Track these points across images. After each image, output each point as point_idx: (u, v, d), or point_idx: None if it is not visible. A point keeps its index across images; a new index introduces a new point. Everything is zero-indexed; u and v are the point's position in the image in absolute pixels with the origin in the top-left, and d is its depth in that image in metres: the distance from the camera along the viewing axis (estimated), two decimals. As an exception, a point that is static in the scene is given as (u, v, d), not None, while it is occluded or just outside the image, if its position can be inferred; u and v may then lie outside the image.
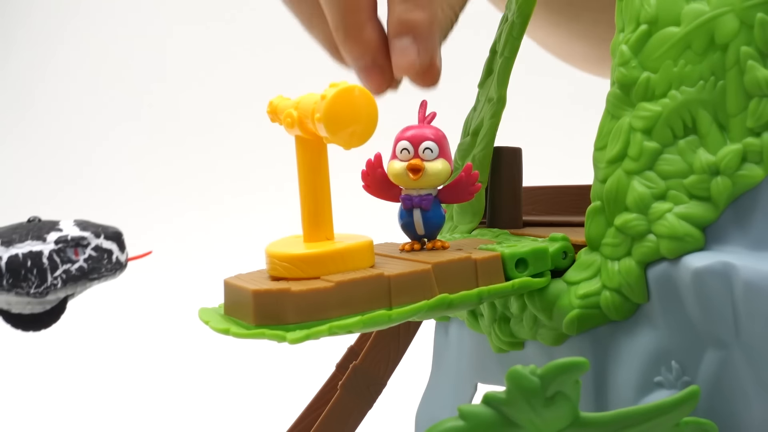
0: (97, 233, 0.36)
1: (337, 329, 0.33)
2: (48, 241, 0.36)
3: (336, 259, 0.35)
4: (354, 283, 0.33)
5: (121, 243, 0.36)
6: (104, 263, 0.36)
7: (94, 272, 0.36)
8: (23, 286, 0.35)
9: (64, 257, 0.35)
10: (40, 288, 0.35)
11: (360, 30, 0.39)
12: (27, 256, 0.35)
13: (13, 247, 0.35)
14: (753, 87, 0.33)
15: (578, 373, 0.29)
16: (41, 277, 0.35)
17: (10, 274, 0.35)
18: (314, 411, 0.54)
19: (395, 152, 0.38)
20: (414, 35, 0.39)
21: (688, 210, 0.34)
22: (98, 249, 0.36)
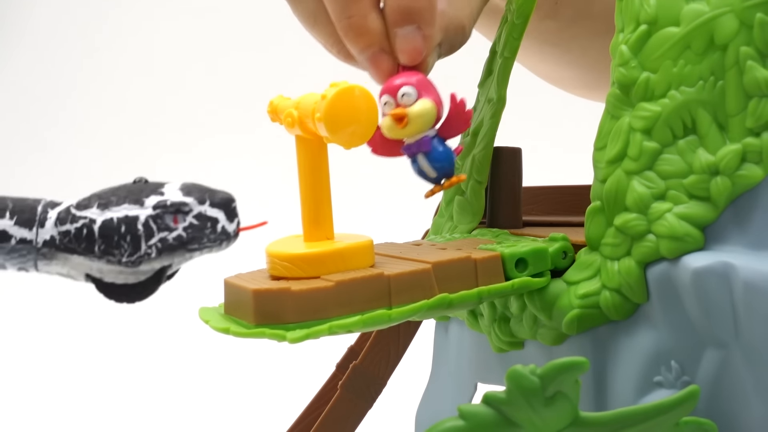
0: (201, 199, 0.33)
1: (337, 329, 0.33)
2: (146, 206, 0.33)
3: (336, 258, 0.35)
4: (354, 282, 0.33)
5: (230, 211, 0.33)
6: (207, 233, 0.33)
7: (195, 242, 0.33)
8: (115, 253, 0.33)
9: (162, 224, 0.33)
10: (132, 257, 0.33)
11: (364, 19, 0.39)
12: (122, 221, 0.33)
13: (108, 210, 0.33)
14: (752, 87, 0.33)
15: (578, 372, 0.29)
16: (134, 245, 0.33)
17: (102, 240, 0.33)
18: (314, 411, 0.54)
19: (383, 110, 0.37)
20: (417, 23, 0.39)
21: (688, 210, 0.34)
22: (201, 217, 0.33)
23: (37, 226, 0.34)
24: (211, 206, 0.33)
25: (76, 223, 0.33)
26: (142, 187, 0.34)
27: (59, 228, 0.34)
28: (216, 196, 0.34)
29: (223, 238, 0.34)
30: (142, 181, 0.34)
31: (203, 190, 0.34)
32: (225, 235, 0.34)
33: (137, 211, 0.33)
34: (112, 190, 0.34)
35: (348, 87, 0.34)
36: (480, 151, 0.44)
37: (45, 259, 0.34)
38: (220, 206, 0.34)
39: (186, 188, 0.33)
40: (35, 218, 0.34)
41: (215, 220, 0.33)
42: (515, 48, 0.43)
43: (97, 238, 0.33)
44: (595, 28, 0.59)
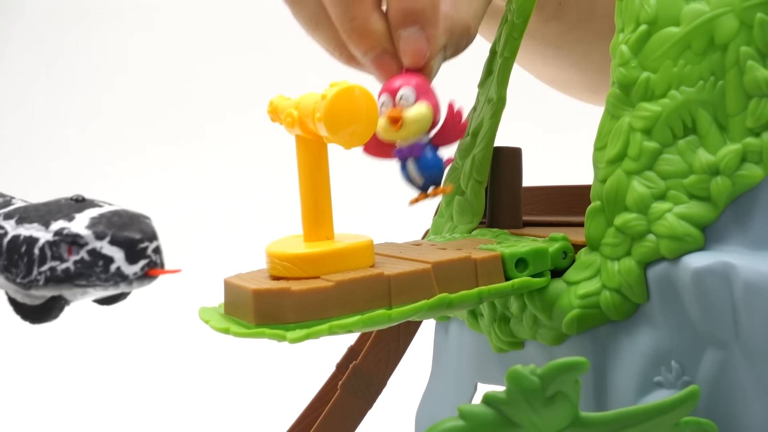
0: (101, 234, 0.31)
1: (337, 329, 0.33)
2: (49, 230, 0.31)
3: (336, 258, 0.35)
4: (354, 282, 0.33)
5: (132, 252, 0.31)
6: (96, 271, 0.31)
7: (82, 278, 0.31)
8: (13, 271, 0.32)
9: (56, 252, 0.31)
10: (24, 279, 0.31)
11: (367, 21, 0.38)
12: (25, 240, 0.31)
13: (21, 226, 0.32)
14: (753, 87, 0.33)
15: (578, 372, 0.29)
16: (28, 268, 0.31)
17: (7, 255, 0.32)
18: (314, 411, 0.54)
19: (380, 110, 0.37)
20: (420, 23, 0.38)
21: (688, 210, 0.34)
22: (93, 253, 0.31)
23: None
24: (111, 243, 0.31)
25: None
26: (64, 207, 0.32)
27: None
28: (121, 233, 0.31)
29: (118, 279, 0.31)
30: (78, 198, 0.33)
31: (114, 224, 0.31)
32: (120, 277, 0.31)
33: (41, 234, 0.31)
34: (42, 205, 0.33)
35: (348, 87, 0.34)
36: (480, 151, 0.44)
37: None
38: (121, 245, 0.31)
39: (97, 219, 0.31)
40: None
41: (109, 259, 0.31)
42: (515, 48, 0.43)
43: (4, 251, 0.32)
44: (598, 30, 0.59)
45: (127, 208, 0.33)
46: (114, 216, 0.31)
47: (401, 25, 0.39)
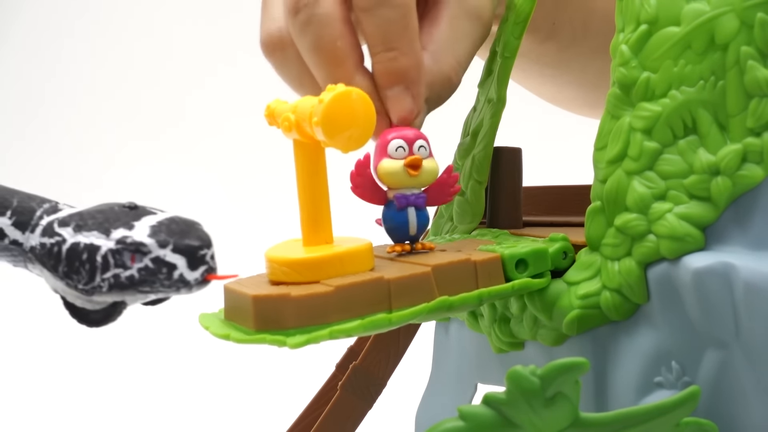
0: (164, 243, 0.31)
1: (338, 333, 0.32)
2: (111, 238, 0.32)
3: (335, 263, 0.35)
4: (354, 287, 0.33)
5: (193, 259, 0.32)
6: (160, 277, 0.32)
7: (146, 285, 0.32)
8: (74, 278, 0.33)
9: (119, 260, 0.32)
10: (87, 286, 0.32)
11: (349, 82, 0.39)
12: (86, 248, 0.32)
13: (80, 234, 0.32)
14: (753, 87, 0.33)
15: (578, 373, 0.29)
16: (90, 275, 0.32)
17: (66, 262, 0.33)
18: (314, 411, 0.54)
19: (387, 152, 0.38)
20: (405, 83, 0.40)
21: (688, 210, 0.34)
22: (157, 261, 0.31)
23: (29, 230, 0.34)
24: (173, 251, 0.32)
25: (52, 239, 0.33)
26: (121, 215, 0.33)
27: (41, 239, 0.34)
28: (182, 240, 0.32)
29: (180, 285, 0.32)
30: (131, 206, 0.34)
31: (174, 232, 0.32)
32: (182, 283, 0.32)
33: (102, 242, 0.32)
34: (97, 210, 0.34)
35: (345, 91, 0.34)
36: (480, 152, 0.44)
37: (31, 263, 0.34)
38: (183, 252, 0.32)
39: (157, 227, 0.32)
40: (30, 222, 0.34)
41: (173, 266, 0.32)
42: (515, 48, 0.43)
43: (63, 259, 0.33)
44: (593, 47, 0.59)
45: (180, 215, 0.34)
46: (172, 224, 0.32)
47: (386, 86, 0.40)
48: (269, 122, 0.37)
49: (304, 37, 0.40)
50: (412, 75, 0.39)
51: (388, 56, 0.39)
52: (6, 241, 0.34)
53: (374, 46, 0.40)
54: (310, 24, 0.39)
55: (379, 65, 0.40)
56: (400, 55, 0.39)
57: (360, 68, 0.40)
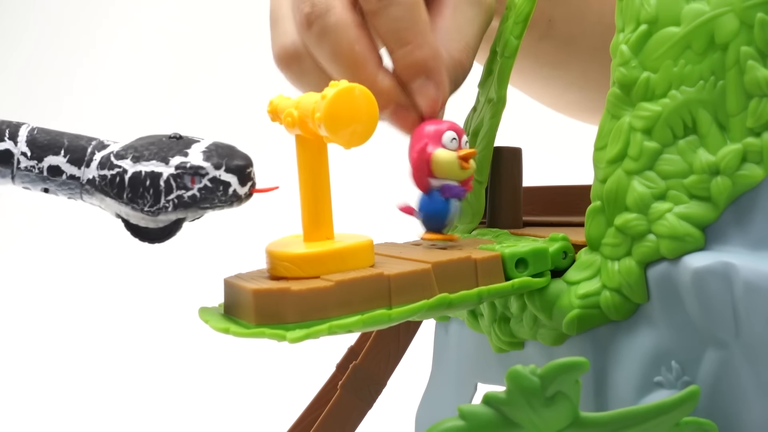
0: (218, 165, 0.36)
1: (337, 328, 0.32)
2: (170, 165, 0.37)
3: (336, 258, 0.35)
4: (354, 282, 0.33)
5: (243, 176, 0.37)
6: (218, 194, 0.37)
7: (206, 202, 0.37)
8: (139, 202, 0.37)
9: (180, 183, 0.37)
10: (152, 208, 0.37)
11: (373, 83, 0.40)
12: (148, 175, 0.37)
13: (139, 164, 0.37)
14: (753, 87, 0.33)
15: (578, 373, 0.29)
16: (155, 198, 0.37)
17: (130, 189, 0.37)
18: (314, 411, 0.54)
19: (442, 142, 0.39)
20: (426, 73, 0.40)
21: (688, 210, 0.34)
22: (215, 180, 0.36)
23: (84, 165, 0.39)
24: (226, 171, 0.37)
25: (112, 171, 0.38)
26: (172, 145, 0.38)
27: (99, 171, 0.38)
28: (232, 161, 0.37)
29: (234, 200, 0.37)
30: (176, 136, 0.38)
31: (223, 155, 0.37)
32: (236, 197, 0.37)
33: (162, 168, 0.37)
34: (148, 143, 0.38)
35: (348, 87, 0.34)
36: (480, 151, 0.44)
37: (87, 194, 0.39)
38: (234, 172, 0.37)
39: (208, 152, 0.37)
40: (84, 158, 0.39)
41: (228, 184, 0.37)
42: (515, 48, 0.43)
43: (127, 186, 0.37)
44: (592, 47, 0.59)
45: (220, 140, 0.38)
46: (218, 148, 0.37)
47: (409, 80, 0.41)
48: (272, 118, 0.38)
49: (321, 48, 0.41)
50: (431, 65, 0.40)
51: (404, 51, 0.40)
52: (64, 177, 0.39)
53: (390, 45, 0.41)
54: (325, 34, 0.40)
55: (399, 62, 0.41)
56: (416, 48, 0.40)
57: (381, 68, 0.41)
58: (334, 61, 0.41)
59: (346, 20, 0.40)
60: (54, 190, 0.39)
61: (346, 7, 0.41)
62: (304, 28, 0.41)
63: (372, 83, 0.39)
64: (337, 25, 0.40)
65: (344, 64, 0.40)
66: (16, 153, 0.39)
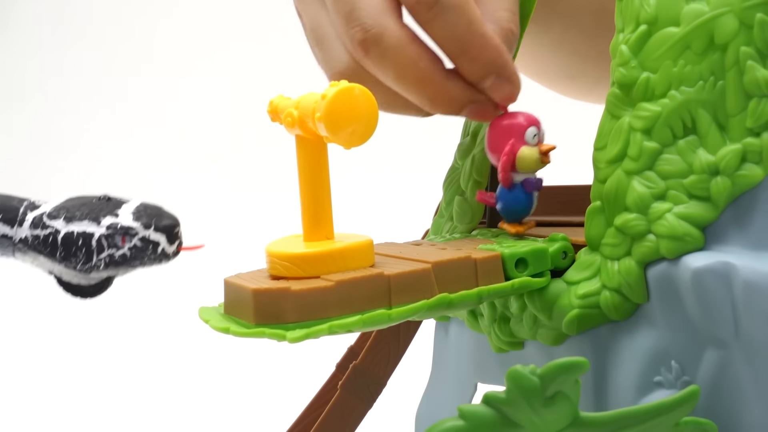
0: (147, 224, 0.38)
1: (337, 328, 0.33)
2: (101, 225, 0.38)
3: (336, 258, 0.35)
4: (354, 282, 0.33)
5: (171, 236, 0.39)
6: (148, 253, 0.38)
7: (136, 260, 0.38)
8: (72, 260, 0.38)
9: (111, 242, 0.38)
10: (85, 266, 0.38)
11: (445, 93, 0.40)
12: (80, 235, 0.38)
13: (71, 224, 0.38)
14: (752, 87, 0.33)
15: (578, 372, 0.29)
16: (87, 257, 0.38)
17: (63, 248, 0.39)
18: (314, 411, 0.54)
19: (525, 139, 0.39)
20: (495, 71, 0.40)
21: (688, 210, 0.34)
22: (144, 240, 0.38)
23: (17, 225, 0.40)
24: (155, 231, 0.38)
25: (45, 230, 0.39)
26: (103, 206, 0.39)
27: (32, 231, 0.40)
28: (161, 221, 0.39)
29: (163, 257, 0.39)
30: (105, 197, 0.40)
31: (152, 215, 0.39)
32: (164, 256, 0.39)
33: (94, 229, 0.38)
34: (80, 203, 0.39)
35: (348, 87, 0.34)
36: (480, 151, 0.44)
37: (20, 252, 0.40)
38: (162, 231, 0.39)
39: (137, 212, 0.39)
40: (16, 218, 0.40)
41: (156, 243, 0.38)
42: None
43: (60, 245, 0.39)
44: (573, 5, 0.58)
45: (146, 201, 0.40)
46: (147, 209, 0.39)
47: (480, 80, 0.40)
48: (272, 118, 0.38)
49: (385, 72, 0.40)
50: (499, 62, 0.40)
51: (468, 57, 0.39)
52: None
53: (450, 52, 0.40)
54: (385, 58, 0.39)
55: (464, 67, 0.40)
56: (478, 50, 0.39)
57: (448, 75, 0.40)
58: (400, 82, 0.40)
59: (403, 38, 0.39)
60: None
61: (398, 24, 0.39)
62: (360, 54, 0.40)
63: (444, 94, 0.39)
64: (396, 47, 0.39)
65: (411, 82, 0.40)
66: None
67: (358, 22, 0.39)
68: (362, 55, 0.40)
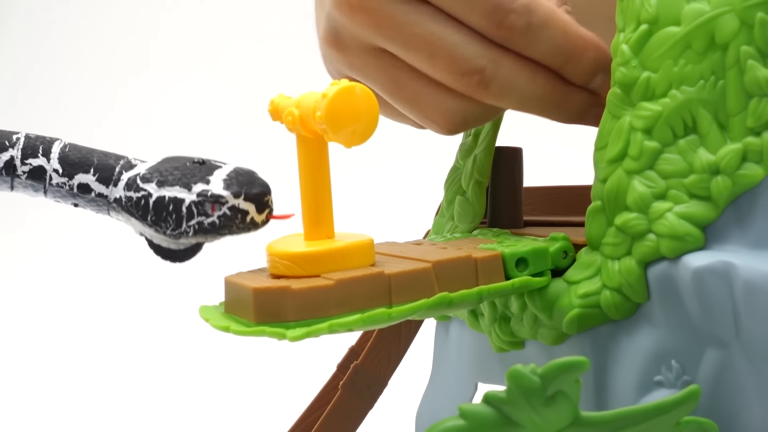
0: (237, 193, 0.37)
1: (337, 327, 0.33)
2: (192, 191, 0.38)
3: (336, 257, 0.35)
4: (354, 281, 0.33)
5: (261, 205, 0.38)
6: (237, 222, 0.37)
7: (225, 228, 0.37)
8: (162, 225, 0.38)
9: (201, 210, 0.37)
10: (174, 231, 0.38)
11: (571, 107, 0.40)
12: (171, 200, 0.38)
13: (164, 188, 0.38)
14: (753, 86, 0.33)
15: (578, 372, 0.29)
16: (177, 223, 0.38)
17: (154, 212, 0.38)
18: (315, 411, 0.54)
19: None
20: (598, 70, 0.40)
21: (689, 209, 0.34)
22: (234, 209, 0.37)
23: (111, 185, 0.40)
24: (245, 200, 0.37)
25: (138, 193, 0.39)
26: (195, 171, 0.39)
27: (126, 192, 0.40)
28: (251, 190, 0.38)
29: (251, 227, 0.38)
30: (200, 161, 0.39)
31: (243, 183, 0.38)
32: (253, 225, 0.38)
33: (185, 195, 0.38)
34: (173, 167, 0.39)
35: (349, 86, 0.34)
36: (481, 152, 0.44)
37: (114, 212, 0.41)
38: (252, 200, 0.38)
39: (228, 180, 0.38)
40: (112, 177, 0.40)
41: (246, 212, 0.37)
42: None
43: (151, 209, 0.39)
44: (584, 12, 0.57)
45: (240, 166, 0.39)
46: (239, 176, 0.38)
47: (588, 81, 0.40)
48: (273, 117, 0.38)
49: (508, 102, 0.40)
50: (602, 58, 0.39)
51: (573, 65, 0.39)
52: (92, 194, 0.40)
53: (555, 63, 0.39)
54: (504, 91, 0.39)
55: (572, 75, 0.40)
56: (581, 53, 0.39)
57: (565, 85, 0.40)
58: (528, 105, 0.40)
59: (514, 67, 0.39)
60: (83, 205, 0.41)
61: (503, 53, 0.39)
62: (480, 92, 0.39)
63: (567, 104, 0.40)
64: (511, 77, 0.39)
65: (538, 105, 0.40)
66: (49, 170, 0.40)
67: (467, 67, 0.39)
68: (482, 91, 0.39)
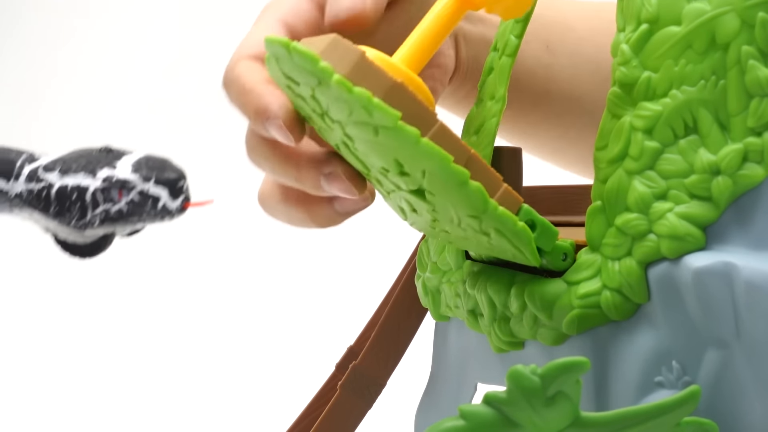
0: (147, 177, 0.36)
1: (368, 102, 0.32)
2: (97, 178, 0.36)
3: (412, 85, 0.35)
4: (411, 96, 0.33)
5: (174, 190, 0.36)
6: (147, 209, 0.36)
7: (134, 216, 0.36)
8: (66, 216, 0.37)
9: (107, 197, 0.36)
10: (79, 222, 0.36)
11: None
12: (75, 189, 0.36)
13: (66, 177, 0.36)
14: (754, 86, 0.33)
15: (579, 372, 0.29)
16: (82, 212, 0.36)
17: (56, 203, 0.37)
18: (313, 411, 0.54)
19: None
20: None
21: (689, 210, 0.34)
22: (143, 194, 0.36)
23: (12, 179, 0.38)
24: (156, 184, 0.36)
25: (39, 184, 0.37)
26: (101, 157, 0.37)
27: (27, 185, 0.38)
28: (163, 174, 0.36)
29: (164, 214, 0.36)
30: (107, 149, 0.37)
31: (153, 167, 0.36)
32: (165, 212, 0.36)
33: (89, 182, 0.36)
34: (78, 155, 0.37)
35: None
36: (480, 151, 0.44)
37: (17, 208, 0.38)
38: (164, 184, 0.36)
39: (137, 164, 0.36)
40: (13, 171, 0.38)
41: (156, 198, 0.36)
42: (516, 47, 0.43)
43: (53, 200, 0.37)
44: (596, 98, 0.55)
45: (151, 153, 0.37)
46: (149, 161, 0.36)
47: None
48: None
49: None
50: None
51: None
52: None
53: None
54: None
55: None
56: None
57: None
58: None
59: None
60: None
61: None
62: None
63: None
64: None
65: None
66: None
67: None
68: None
